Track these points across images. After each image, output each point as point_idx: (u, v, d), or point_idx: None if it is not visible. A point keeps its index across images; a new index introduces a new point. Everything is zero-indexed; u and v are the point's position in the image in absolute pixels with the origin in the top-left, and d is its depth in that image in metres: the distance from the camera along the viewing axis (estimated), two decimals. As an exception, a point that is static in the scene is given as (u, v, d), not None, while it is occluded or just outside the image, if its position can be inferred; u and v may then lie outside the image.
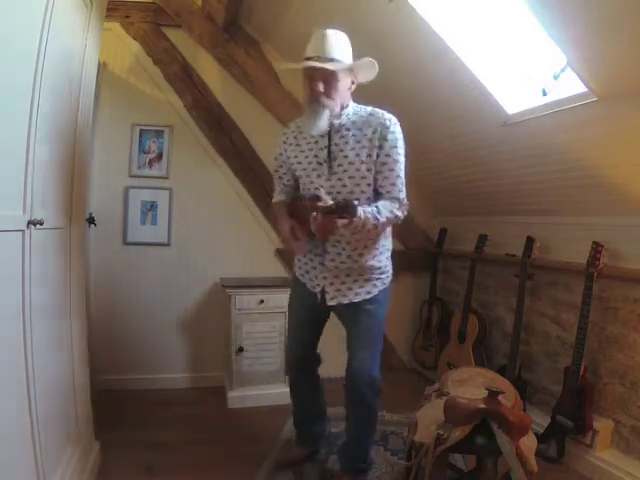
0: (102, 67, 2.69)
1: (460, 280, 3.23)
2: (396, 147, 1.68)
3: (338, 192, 1.69)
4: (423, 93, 2.45)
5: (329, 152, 1.71)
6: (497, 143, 2.34)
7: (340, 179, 1.70)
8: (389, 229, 1.82)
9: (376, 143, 1.66)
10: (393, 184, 1.69)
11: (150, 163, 2.99)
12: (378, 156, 1.67)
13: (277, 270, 3.20)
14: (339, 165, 1.70)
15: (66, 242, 1.71)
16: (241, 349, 2.75)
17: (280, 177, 1.94)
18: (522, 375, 2.49)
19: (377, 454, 2.19)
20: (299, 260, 1.92)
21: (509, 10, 1.78)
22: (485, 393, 1.43)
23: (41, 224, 1.31)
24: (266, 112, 3.12)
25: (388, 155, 1.67)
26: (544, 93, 1.88)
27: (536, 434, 1.72)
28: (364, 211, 1.56)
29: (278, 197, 1.95)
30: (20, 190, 1.26)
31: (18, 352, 1.26)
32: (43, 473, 1.36)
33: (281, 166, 1.91)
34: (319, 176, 1.73)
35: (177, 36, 2.98)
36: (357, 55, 1.71)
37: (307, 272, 1.87)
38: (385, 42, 2.26)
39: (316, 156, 1.74)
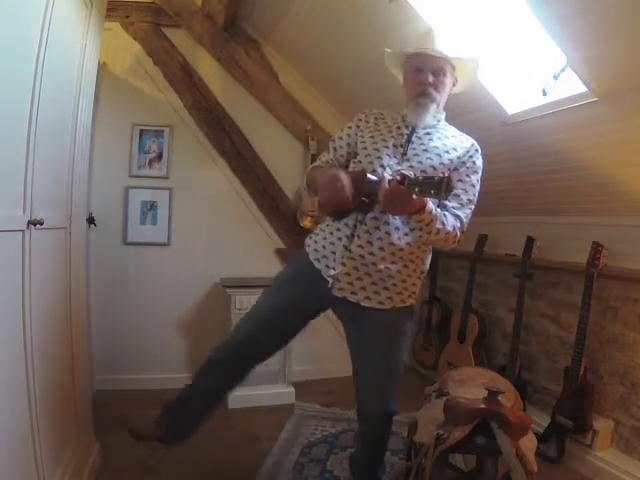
0: (102, 67, 2.69)
1: (460, 280, 3.23)
2: (477, 173, 1.60)
3: None
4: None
5: (409, 140, 1.57)
6: (497, 143, 2.34)
7: (412, 167, 1.52)
8: (430, 247, 1.64)
9: (463, 158, 1.57)
10: (461, 204, 1.55)
11: (150, 163, 2.98)
12: (457, 171, 1.56)
13: (277, 270, 3.18)
14: (415, 155, 1.55)
15: (66, 242, 1.71)
16: (241, 349, 2.74)
17: (335, 148, 1.71)
18: (522, 375, 2.49)
19: (377, 454, 2.19)
20: (316, 242, 1.66)
21: (509, 9, 1.78)
22: (485, 393, 1.43)
23: (41, 224, 1.31)
24: (266, 112, 3.12)
25: (468, 176, 1.57)
26: (544, 93, 1.88)
27: (536, 434, 1.71)
28: (435, 209, 1.44)
29: (321, 164, 1.72)
30: (20, 190, 1.26)
31: (18, 352, 1.26)
32: (43, 473, 1.35)
33: (342, 138, 1.70)
34: (390, 157, 1.55)
35: (177, 36, 2.98)
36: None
37: (325, 257, 1.60)
38: (385, 42, 2.25)
39: (393, 137, 1.59)
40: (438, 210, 1.46)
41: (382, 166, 1.52)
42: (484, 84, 2.06)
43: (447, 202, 1.53)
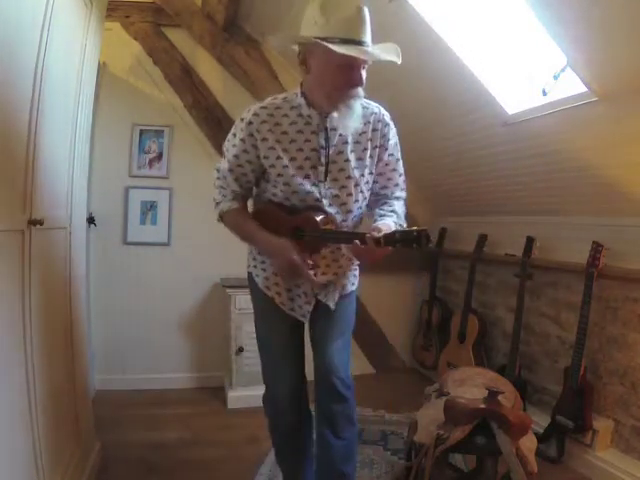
0: (102, 67, 2.70)
1: (460, 280, 3.23)
2: (397, 144, 1.55)
3: (343, 203, 1.47)
4: (422, 93, 2.45)
5: (327, 154, 1.43)
6: (497, 143, 2.34)
7: (345, 187, 1.45)
8: None
9: (377, 142, 1.48)
10: (397, 185, 1.57)
11: (150, 163, 2.99)
12: (380, 157, 1.50)
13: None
14: (340, 170, 1.44)
15: (66, 242, 1.71)
16: (241, 349, 2.75)
17: (237, 178, 1.48)
18: (522, 375, 2.49)
19: (377, 454, 2.19)
20: (267, 279, 1.57)
21: (509, 9, 1.78)
22: (485, 393, 1.43)
23: (41, 224, 1.31)
24: (266, 112, 3.12)
25: (391, 154, 1.53)
26: (544, 93, 1.88)
27: (536, 434, 1.71)
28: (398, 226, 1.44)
29: (232, 204, 1.50)
30: (20, 190, 1.26)
31: (19, 352, 1.26)
32: (43, 473, 1.35)
33: (241, 165, 1.46)
34: (315, 184, 1.43)
35: (177, 36, 2.98)
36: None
37: (276, 284, 1.56)
38: (384, 42, 2.25)
39: (308, 158, 1.42)
40: (393, 221, 1.44)
41: (317, 200, 1.43)
42: (484, 84, 2.06)
43: (384, 188, 1.55)
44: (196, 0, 2.89)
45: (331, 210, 1.45)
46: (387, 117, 1.51)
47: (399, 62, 1.37)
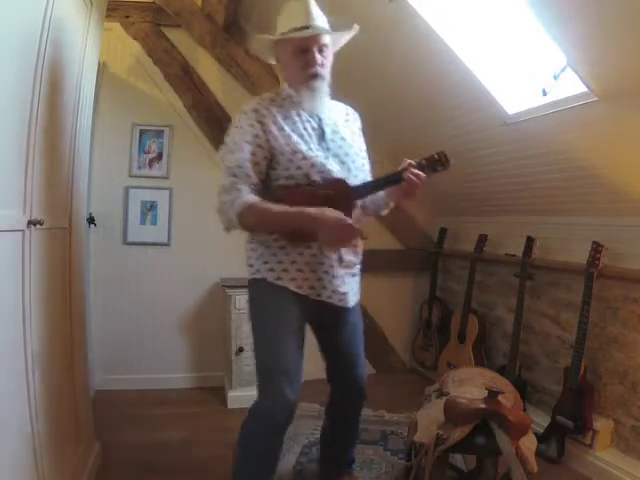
0: (102, 67, 2.70)
1: (460, 280, 3.23)
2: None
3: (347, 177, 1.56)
4: (422, 93, 2.45)
5: (324, 132, 1.54)
6: (497, 143, 2.34)
7: (343, 162, 1.54)
8: None
9: (357, 131, 1.69)
10: (366, 171, 1.68)
11: (150, 163, 2.99)
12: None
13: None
14: (339, 147, 1.55)
15: (66, 242, 1.71)
16: (241, 349, 2.75)
17: (251, 168, 1.45)
18: (522, 375, 2.49)
19: (377, 454, 2.19)
20: (294, 279, 1.49)
21: (509, 9, 1.78)
22: (485, 393, 1.43)
23: (41, 224, 1.31)
24: (266, 112, 3.12)
25: (362, 143, 1.70)
26: (544, 93, 1.88)
27: (536, 434, 1.71)
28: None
29: (251, 197, 1.42)
30: (20, 190, 1.26)
31: (18, 352, 1.26)
32: (43, 473, 1.35)
33: (254, 153, 1.45)
34: (326, 157, 1.50)
35: (177, 36, 2.98)
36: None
37: (307, 279, 1.50)
38: (384, 42, 2.25)
39: (311, 136, 1.52)
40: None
41: (331, 172, 1.49)
42: (484, 84, 2.06)
43: (361, 175, 1.63)
44: (196, 0, 2.89)
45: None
46: (358, 116, 1.72)
47: (344, 37, 1.58)
